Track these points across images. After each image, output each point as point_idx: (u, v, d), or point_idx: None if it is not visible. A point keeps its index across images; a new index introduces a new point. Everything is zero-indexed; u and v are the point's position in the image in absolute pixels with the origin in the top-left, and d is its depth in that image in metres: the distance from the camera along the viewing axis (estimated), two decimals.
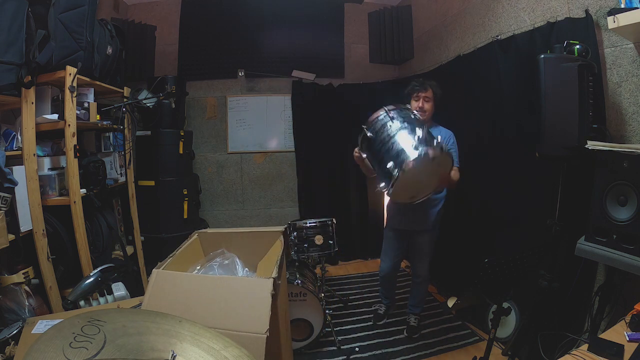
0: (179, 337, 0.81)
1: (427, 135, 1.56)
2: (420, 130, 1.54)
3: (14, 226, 1.71)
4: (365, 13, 3.96)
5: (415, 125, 1.61)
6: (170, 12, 3.68)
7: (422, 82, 2.20)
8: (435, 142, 1.52)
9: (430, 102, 2.19)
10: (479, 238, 2.57)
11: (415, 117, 1.73)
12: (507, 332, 2.19)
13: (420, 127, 1.58)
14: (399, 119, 1.66)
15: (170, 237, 2.97)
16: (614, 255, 1.32)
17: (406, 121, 1.65)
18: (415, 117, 1.72)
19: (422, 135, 1.52)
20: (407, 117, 1.69)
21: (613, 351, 1.04)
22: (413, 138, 1.53)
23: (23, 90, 1.76)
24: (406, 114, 1.71)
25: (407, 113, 1.72)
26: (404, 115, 1.70)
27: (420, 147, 1.49)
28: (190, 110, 3.75)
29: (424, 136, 1.53)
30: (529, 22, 2.18)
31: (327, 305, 2.72)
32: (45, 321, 1.33)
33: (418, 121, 1.70)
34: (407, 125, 1.62)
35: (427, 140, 1.53)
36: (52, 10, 1.82)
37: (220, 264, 1.41)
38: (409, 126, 1.62)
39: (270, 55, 3.80)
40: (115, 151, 2.62)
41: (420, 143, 1.50)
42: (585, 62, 1.60)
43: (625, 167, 1.32)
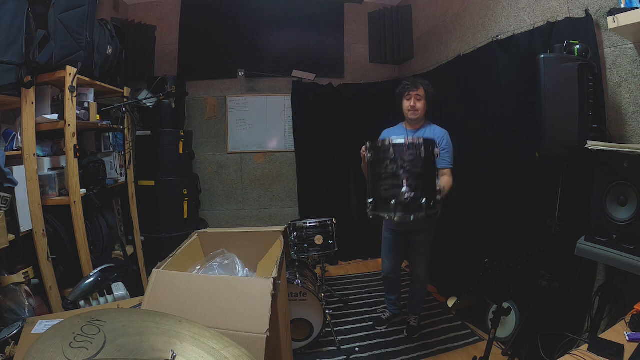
0: (179, 337, 0.81)
1: (413, 197, 1.59)
2: (408, 192, 1.58)
3: (14, 226, 1.71)
4: (365, 13, 3.96)
5: (408, 178, 1.61)
6: (170, 12, 3.68)
7: (413, 81, 2.19)
8: (420, 203, 1.59)
9: (422, 101, 2.18)
10: (479, 238, 2.57)
11: (414, 164, 1.65)
12: (507, 332, 2.19)
13: (413, 181, 1.61)
14: (397, 162, 1.63)
15: (170, 237, 2.98)
16: (614, 255, 1.32)
17: (402, 169, 1.63)
18: (414, 164, 1.65)
19: (407, 197, 1.58)
20: (406, 163, 1.64)
21: (613, 351, 1.04)
22: (399, 195, 1.59)
23: (23, 90, 1.76)
24: (410, 158, 1.65)
25: (411, 157, 1.65)
26: (405, 160, 1.64)
27: (398, 213, 1.60)
28: (190, 110, 3.75)
29: (409, 199, 1.58)
30: (529, 22, 2.18)
31: (327, 305, 2.72)
32: (45, 321, 1.33)
33: (414, 172, 1.64)
34: (401, 175, 1.62)
35: (409, 205, 1.58)
36: (52, 10, 1.82)
37: (220, 264, 1.41)
38: (402, 177, 1.61)
39: (270, 55, 3.80)
40: (115, 151, 2.62)
41: (405, 207, 1.59)
42: (585, 62, 1.60)
43: (625, 167, 1.32)
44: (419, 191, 1.61)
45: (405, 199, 1.58)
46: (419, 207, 1.60)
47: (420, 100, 2.17)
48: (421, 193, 1.61)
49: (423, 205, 1.60)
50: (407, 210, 1.59)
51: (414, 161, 1.64)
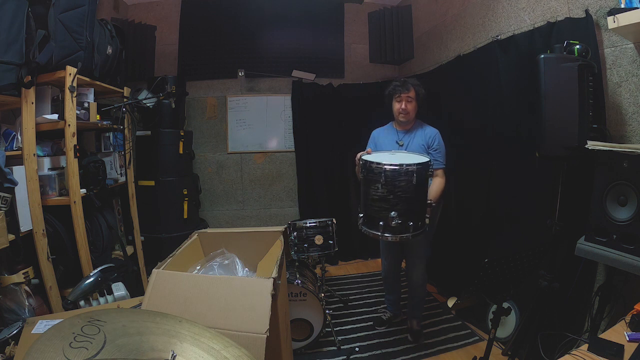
0: (179, 337, 0.81)
1: (401, 222, 1.65)
2: (396, 219, 1.64)
3: (14, 226, 1.71)
4: (365, 13, 3.96)
5: (397, 203, 1.66)
6: (170, 12, 3.68)
7: (403, 82, 2.14)
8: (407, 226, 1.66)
9: (413, 102, 2.13)
10: (479, 238, 2.57)
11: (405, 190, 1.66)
12: (507, 332, 2.19)
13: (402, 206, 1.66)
14: (388, 187, 1.65)
15: (170, 237, 2.98)
16: (614, 255, 1.32)
17: (393, 194, 1.66)
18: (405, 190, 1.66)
19: (395, 223, 1.64)
20: (397, 189, 1.66)
21: (613, 351, 1.04)
22: (388, 220, 1.65)
23: (23, 90, 1.76)
24: (401, 184, 1.66)
25: (403, 183, 1.66)
26: (396, 186, 1.66)
27: (385, 234, 1.68)
28: (190, 110, 3.75)
29: (396, 224, 1.64)
30: (529, 22, 2.18)
31: (327, 305, 2.72)
32: (45, 321, 1.33)
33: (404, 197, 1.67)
34: (391, 201, 1.65)
35: (397, 229, 1.66)
36: (52, 10, 1.82)
37: (220, 264, 1.41)
38: (392, 202, 1.65)
39: (270, 55, 3.80)
40: (115, 151, 2.62)
41: (392, 230, 1.66)
42: (585, 62, 1.60)
43: (625, 167, 1.32)
44: (408, 216, 1.66)
45: (393, 224, 1.63)
46: (406, 230, 1.67)
47: (410, 102, 2.13)
48: (409, 217, 1.66)
49: (410, 229, 1.66)
50: (395, 232, 1.66)
51: (405, 187, 1.65)
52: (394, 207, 1.64)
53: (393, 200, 1.65)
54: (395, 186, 1.65)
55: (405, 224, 1.66)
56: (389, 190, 1.65)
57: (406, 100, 2.12)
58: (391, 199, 1.65)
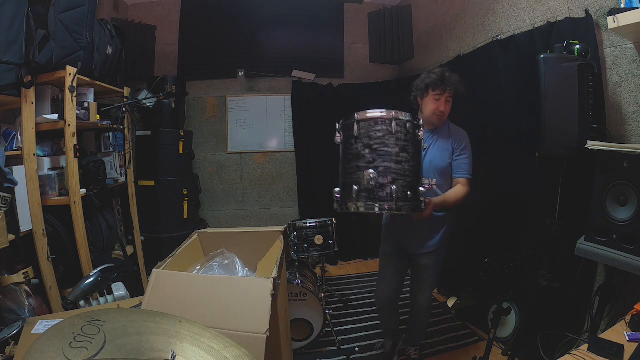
0: (179, 337, 0.81)
1: (380, 182, 1.31)
2: (373, 175, 1.31)
3: (14, 226, 1.71)
4: (365, 13, 3.96)
5: (374, 159, 1.34)
6: (170, 12, 3.68)
7: (446, 76, 1.70)
8: (389, 191, 1.31)
9: (451, 103, 1.77)
10: (479, 238, 2.57)
11: (383, 142, 1.36)
12: (507, 332, 2.19)
13: (381, 162, 1.33)
14: (363, 140, 1.37)
15: (170, 237, 2.98)
16: (614, 255, 1.32)
17: (368, 147, 1.36)
18: (383, 142, 1.36)
19: (372, 182, 1.30)
20: (373, 141, 1.37)
21: (613, 351, 1.04)
22: (362, 179, 1.32)
23: (23, 90, 1.76)
24: (378, 134, 1.37)
25: (380, 133, 1.37)
26: (372, 137, 1.37)
27: (361, 201, 1.32)
28: (190, 110, 3.75)
29: (374, 184, 1.31)
30: (529, 22, 2.18)
31: (327, 305, 2.72)
32: (45, 321, 1.33)
33: (382, 151, 1.35)
34: (367, 156, 1.35)
35: (375, 192, 1.31)
36: (52, 10, 1.82)
37: (220, 264, 1.41)
38: (367, 157, 1.35)
39: (270, 55, 3.80)
40: (115, 151, 2.62)
41: (369, 193, 1.32)
42: (585, 62, 1.60)
43: (625, 167, 1.32)
44: (389, 175, 1.31)
45: (369, 184, 1.30)
46: (388, 196, 1.30)
47: (449, 103, 1.75)
48: (392, 178, 1.31)
49: (393, 194, 1.30)
50: (372, 198, 1.32)
51: (384, 139, 1.35)
52: (370, 164, 1.33)
53: (369, 156, 1.33)
54: (370, 138, 1.35)
55: (386, 188, 1.30)
56: (363, 144, 1.35)
57: (446, 100, 1.74)
58: (367, 154, 1.34)
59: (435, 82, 1.71)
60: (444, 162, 1.76)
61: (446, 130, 1.82)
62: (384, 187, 1.31)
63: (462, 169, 1.76)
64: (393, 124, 1.34)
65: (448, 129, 1.83)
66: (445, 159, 1.76)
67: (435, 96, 1.73)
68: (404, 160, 1.35)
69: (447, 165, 1.76)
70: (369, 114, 1.38)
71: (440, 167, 1.75)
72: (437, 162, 1.75)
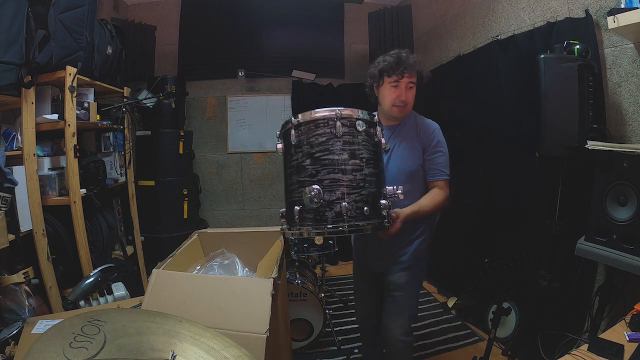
0: (179, 337, 0.81)
1: (326, 199, 1.07)
2: (316, 192, 1.06)
3: (14, 226, 1.71)
4: (365, 13, 3.96)
5: (318, 171, 1.09)
6: (170, 12, 3.68)
7: (403, 58, 1.39)
8: (338, 210, 1.06)
9: (414, 90, 1.44)
10: (479, 238, 2.57)
11: (328, 148, 1.11)
12: (507, 332, 2.19)
13: (326, 175, 1.08)
14: (303, 149, 1.13)
15: (170, 237, 2.98)
16: (614, 255, 1.32)
17: (310, 157, 1.11)
18: (327, 149, 1.11)
19: (315, 199, 1.05)
20: (316, 149, 1.11)
21: (613, 351, 1.04)
22: (303, 198, 1.08)
23: (23, 90, 1.76)
24: (321, 140, 1.12)
25: (323, 138, 1.12)
26: (313, 144, 1.12)
27: (305, 225, 1.08)
28: (190, 110, 3.75)
29: (317, 202, 1.06)
30: (529, 22, 2.18)
31: (327, 305, 2.72)
32: (45, 321, 1.33)
33: (328, 160, 1.10)
34: (308, 168, 1.10)
35: (320, 212, 1.06)
36: (52, 10, 1.82)
37: (220, 264, 1.41)
38: (308, 170, 1.10)
39: (270, 55, 3.81)
40: (115, 151, 2.62)
41: (314, 214, 1.08)
42: (585, 62, 1.60)
43: (625, 167, 1.32)
44: (337, 189, 1.06)
45: (311, 202, 1.05)
46: (338, 216, 1.05)
47: (412, 89, 1.43)
48: (342, 192, 1.06)
49: (345, 212, 1.04)
50: (319, 220, 1.06)
51: (327, 144, 1.10)
52: (313, 177, 1.08)
53: (311, 168, 1.08)
54: (311, 145, 1.10)
55: (334, 206, 1.06)
56: (304, 153, 1.11)
57: (407, 86, 1.41)
58: (308, 165, 1.09)
59: (390, 66, 1.40)
60: (413, 164, 1.44)
61: (412, 124, 1.50)
62: (332, 205, 1.05)
63: (436, 169, 1.45)
64: (337, 124, 1.10)
65: (415, 124, 1.50)
66: (415, 160, 1.44)
67: (392, 83, 1.41)
68: (355, 169, 1.09)
69: (417, 167, 1.45)
70: (307, 115, 1.16)
71: (410, 171, 1.44)
72: (405, 165, 1.44)
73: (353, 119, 1.15)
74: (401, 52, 1.42)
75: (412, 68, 1.40)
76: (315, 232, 1.07)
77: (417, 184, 1.46)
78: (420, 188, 1.47)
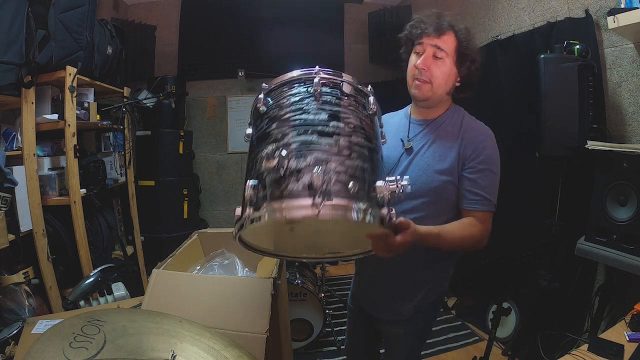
0: (179, 337, 0.81)
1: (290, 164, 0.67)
2: (279, 153, 0.68)
3: (14, 226, 1.71)
4: (365, 13, 3.96)
5: (285, 133, 0.73)
6: (170, 12, 3.68)
7: (433, 16, 1.03)
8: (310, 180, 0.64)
9: (447, 61, 1.02)
10: None
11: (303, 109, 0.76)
12: (507, 332, 2.19)
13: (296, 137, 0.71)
14: (270, 113, 0.79)
15: (170, 237, 2.97)
16: (614, 255, 1.32)
17: (277, 121, 0.76)
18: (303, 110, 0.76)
19: (278, 164, 0.67)
20: (286, 109, 0.78)
21: (613, 351, 1.04)
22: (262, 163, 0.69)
23: (23, 90, 1.76)
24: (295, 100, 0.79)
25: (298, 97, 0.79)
26: (283, 106, 0.79)
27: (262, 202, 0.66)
28: (190, 110, 3.75)
29: (280, 166, 0.67)
30: (529, 22, 2.18)
31: (327, 305, 2.71)
32: (45, 321, 1.33)
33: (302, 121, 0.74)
34: (273, 132, 0.74)
35: (283, 180, 0.66)
36: (52, 10, 1.82)
37: (220, 264, 1.41)
38: (273, 134, 0.74)
39: (270, 55, 3.80)
40: (115, 151, 2.62)
41: (274, 183, 0.67)
42: (585, 62, 1.60)
43: (625, 167, 1.32)
44: (310, 154, 0.68)
45: (268, 173, 0.68)
46: (307, 189, 0.64)
47: (441, 60, 1.02)
48: (316, 157, 0.68)
49: (324, 182, 0.64)
50: (277, 197, 0.65)
51: (301, 103, 0.78)
52: (278, 142, 0.72)
53: (277, 133, 0.74)
54: (281, 107, 0.79)
55: (305, 172, 0.65)
56: (270, 118, 0.78)
57: (432, 51, 1.01)
58: (273, 130, 0.75)
59: (416, 26, 1.04)
60: (441, 177, 1.03)
61: (454, 124, 1.08)
62: (300, 175, 0.65)
63: (478, 194, 1.03)
64: (316, 80, 0.79)
65: (459, 124, 1.08)
66: (445, 173, 1.03)
67: (416, 48, 1.04)
68: (338, 132, 0.73)
69: (445, 184, 1.03)
70: (279, 78, 0.85)
71: (433, 186, 1.03)
72: (428, 176, 1.04)
73: (338, 80, 0.86)
74: (439, 13, 1.05)
75: (440, 29, 1.00)
76: (272, 211, 0.64)
77: (440, 207, 1.04)
78: (445, 214, 1.04)
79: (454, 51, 1.03)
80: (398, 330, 1.18)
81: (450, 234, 0.96)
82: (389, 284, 1.13)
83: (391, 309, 1.15)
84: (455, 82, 1.08)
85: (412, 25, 1.06)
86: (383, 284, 1.14)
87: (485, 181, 1.05)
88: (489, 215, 1.06)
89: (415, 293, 1.12)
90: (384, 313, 1.19)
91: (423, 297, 1.12)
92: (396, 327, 1.18)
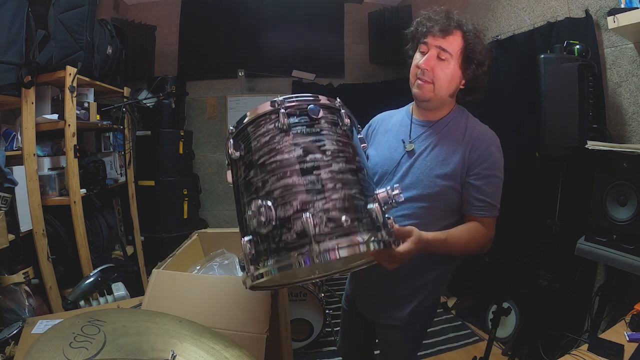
0: (179, 337, 0.81)
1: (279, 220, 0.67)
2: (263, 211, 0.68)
3: (14, 226, 1.71)
4: (365, 13, 3.96)
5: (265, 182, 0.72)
6: (170, 12, 3.68)
7: (441, 14, 0.99)
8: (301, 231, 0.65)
9: (451, 62, 1.00)
10: None
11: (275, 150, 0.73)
12: (507, 332, 2.19)
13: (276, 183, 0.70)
14: (243, 163, 0.77)
15: (170, 237, 2.97)
16: (614, 255, 1.33)
17: (252, 168, 0.75)
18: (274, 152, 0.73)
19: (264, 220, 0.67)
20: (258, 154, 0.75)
21: (613, 351, 1.04)
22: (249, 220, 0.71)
23: (23, 90, 1.76)
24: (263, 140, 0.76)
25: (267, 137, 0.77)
26: (255, 151, 0.76)
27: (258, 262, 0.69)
28: (190, 110, 3.75)
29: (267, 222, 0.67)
30: (529, 22, 2.18)
31: (327, 305, 2.71)
32: (45, 321, 1.33)
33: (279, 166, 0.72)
34: (255, 183, 0.73)
35: (271, 236, 0.68)
36: (52, 10, 1.82)
37: (220, 264, 1.41)
38: (255, 186, 0.73)
39: (270, 55, 3.80)
40: (115, 151, 2.62)
41: (263, 239, 0.69)
42: (585, 62, 1.60)
43: (625, 167, 1.32)
44: (293, 198, 0.68)
45: (259, 227, 0.68)
46: (301, 237, 0.65)
47: (445, 61, 0.99)
48: (301, 202, 0.67)
49: (310, 228, 0.64)
50: (275, 250, 0.67)
51: (272, 144, 0.75)
52: (260, 192, 0.71)
53: (256, 181, 0.72)
54: (252, 151, 0.76)
55: (297, 224, 0.66)
56: (246, 165, 0.76)
57: (436, 51, 0.99)
58: (252, 178, 0.73)
59: (421, 24, 1.01)
60: (442, 182, 1.01)
61: (459, 127, 1.07)
62: (290, 223, 0.66)
63: (483, 201, 1.03)
64: (281, 114, 0.76)
65: (463, 127, 1.07)
66: (447, 177, 1.01)
67: (421, 47, 1.02)
68: (317, 164, 0.72)
69: (446, 189, 1.01)
70: (242, 119, 0.84)
71: (434, 191, 1.01)
72: (429, 180, 1.02)
73: (303, 106, 0.79)
74: (446, 10, 1.01)
75: (446, 29, 0.96)
76: (277, 268, 0.65)
77: (440, 212, 1.02)
78: (445, 219, 1.04)
79: (459, 53, 1.00)
80: (394, 337, 1.16)
81: (456, 239, 0.97)
82: (386, 287, 1.11)
83: (387, 314, 1.13)
84: (459, 84, 1.06)
85: (419, 22, 1.02)
86: (380, 286, 1.12)
87: (491, 187, 1.04)
88: (494, 220, 1.07)
89: (412, 297, 1.10)
90: (379, 316, 1.17)
91: (420, 302, 1.11)
92: (392, 333, 1.16)
